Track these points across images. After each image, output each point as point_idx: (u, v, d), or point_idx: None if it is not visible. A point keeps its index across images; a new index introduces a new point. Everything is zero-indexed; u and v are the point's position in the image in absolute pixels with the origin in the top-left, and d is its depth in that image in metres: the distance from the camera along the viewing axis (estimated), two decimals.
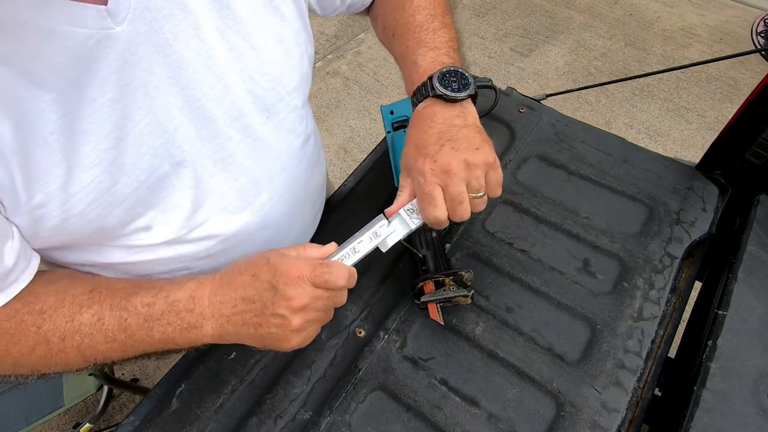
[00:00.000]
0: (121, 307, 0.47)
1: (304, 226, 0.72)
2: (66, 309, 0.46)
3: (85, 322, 0.46)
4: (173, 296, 0.47)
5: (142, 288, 0.48)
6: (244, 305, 0.46)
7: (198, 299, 0.47)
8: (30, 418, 1.13)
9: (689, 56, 2.53)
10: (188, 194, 0.52)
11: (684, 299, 0.72)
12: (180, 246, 0.55)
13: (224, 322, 0.47)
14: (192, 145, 0.50)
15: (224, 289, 0.47)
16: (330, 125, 2.25)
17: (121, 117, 0.44)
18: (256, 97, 0.54)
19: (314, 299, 0.46)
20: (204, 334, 0.47)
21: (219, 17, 0.48)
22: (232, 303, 0.46)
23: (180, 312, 0.47)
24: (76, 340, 0.46)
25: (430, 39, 0.62)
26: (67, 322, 0.46)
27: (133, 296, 0.47)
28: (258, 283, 0.46)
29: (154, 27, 0.43)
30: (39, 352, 0.46)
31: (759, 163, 0.77)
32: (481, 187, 0.52)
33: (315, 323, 0.48)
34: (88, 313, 0.46)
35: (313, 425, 0.60)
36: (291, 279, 0.45)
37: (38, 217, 0.43)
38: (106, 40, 0.40)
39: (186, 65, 0.47)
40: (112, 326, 0.46)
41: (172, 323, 0.47)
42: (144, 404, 0.62)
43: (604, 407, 0.60)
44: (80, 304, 0.47)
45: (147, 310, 0.47)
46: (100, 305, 0.47)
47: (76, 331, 0.46)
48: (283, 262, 0.46)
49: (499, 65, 2.53)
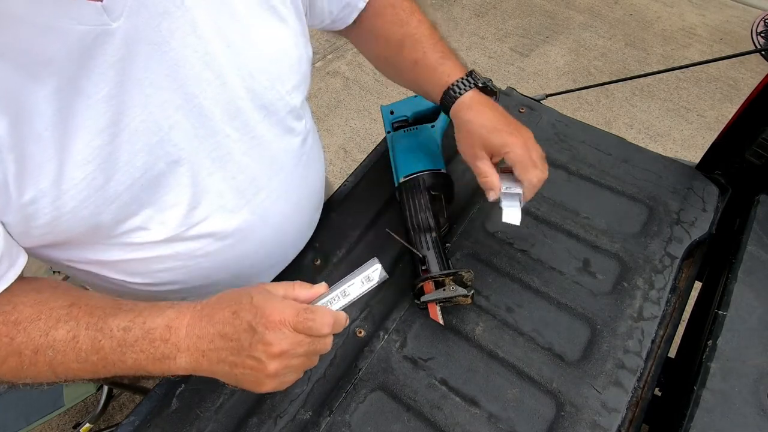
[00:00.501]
0: (97, 327, 0.45)
1: (303, 225, 0.72)
2: (42, 323, 0.45)
3: (60, 338, 0.44)
4: (150, 323, 0.45)
5: (121, 310, 0.46)
6: (221, 342, 0.44)
7: (174, 329, 0.45)
8: (30, 418, 1.13)
9: (689, 56, 2.53)
10: (185, 192, 0.52)
11: (684, 299, 0.72)
12: (177, 244, 0.55)
13: (199, 356, 0.45)
14: (189, 142, 0.50)
15: (203, 322, 0.45)
16: (330, 125, 2.25)
17: (116, 113, 0.44)
18: (254, 94, 0.54)
19: (294, 345, 0.44)
20: (177, 366, 0.45)
21: (217, 15, 0.48)
22: (209, 338, 0.44)
23: (155, 341, 0.45)
24: (48, 356, 0.44)
25: (441, 47, 0.69)
26: (41, 335, 0.44)
27: (110, 317, 0.45)
28: (238, 322, 0.44)
29: (151, 24, 0.43)
30: (10, 363, 0.45)
31: (759, 163, 0.77)
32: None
33: (293, 370, 0.46)
34: (63, 329, 0.45)
35: (313, 425, 0.60)
36: (272, 323, 0.43)
37: (29, 214, 0.43)
38: (102, 36, 0.40)
39: (183, 62, 0.47)
40: (85, 346, 0.45)
41: (145, 351, 0.45)
42: (144, 404, 0.62)
43: (604, 407, 0.60)
44: (57, 318, 0.45)
45: (122, 335, 0.45)
46: (76, 322, 0.45)
47: (49, 347, 0.44)
48: (267, 303, 0.44)
49: (499, 65, 2.53)
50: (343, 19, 0.69)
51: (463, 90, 0.64)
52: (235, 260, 0.62)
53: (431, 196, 0.72)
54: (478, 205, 0.80)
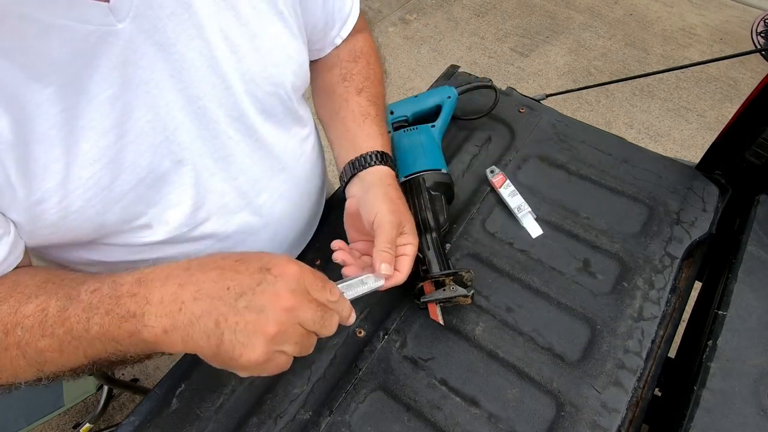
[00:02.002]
0: (68, 296, 0.39)
1: (304, 226, 0.72)
2: (13, 300, 0.40)
3: (29, 313, 0.39)
4: (120, 279, 0.39)
5: (95, 277, 0.41)
6: (213, 287, 0.37)
7: (146, 282, 0.38)
8: (30, 418, 1.13)
9: (689, 56, 2.53)
10: (188, 193, 0.53)
11: (684, 299, 0.72)
12: (180, 245, 0.55)
13: (175, 310, 0.36)
14: (192, 143, 0.50)
15: (191, 271, 0.38)
16: None
17: (121, 114, 0.44)
18: (257, 99, 0.54)
19: (305, 305, 0.38)
20: (145, 325, 0.36)
21: (224, 18, 0.48)
22: (197, 286, 0.37)
23: (121, 297, 0.37)
24: (17, 336, 0.39)
25: (382, 116, 0.69)
26: (10, 314, 0.39)
27: (83, 285, 0.40)
28: (243, 267, 0.38)
29: (157, 25, 0.43)
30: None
31: (759, 163, 0.77)
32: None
33: (290, 342, 0.39)
34: (33, 303, 0.39)
35: (313, 425, 0.60)
36: (287, 272, 0.38)
37: (37, 214, 0.43)
38: (107, 37, 0.40)
39: (188, 64, 0.47)
40: (52, 319, 0.38)
41: (111, 312, 0.37)
42: (144, 404, 0.62)
43: (604, 407, 0.60)
44: (29, 294, 0.40)
45: (89, 298, 0.38)
46: (48, 296, 0.40)
47: (17, 324, 0.39)
48: (282, 258, 0.39)
49: (499, 65, 2.53)
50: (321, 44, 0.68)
51: (383, 162, 0.63)
52: None
53: (431, 196, 0.72)
54: (478, 205, 0.80)
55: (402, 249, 0.57)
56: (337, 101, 0.68)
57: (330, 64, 0.70)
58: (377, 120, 0.67)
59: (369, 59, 0.71)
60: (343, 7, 0.66)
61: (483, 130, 0.90)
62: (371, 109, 0.67)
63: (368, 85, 0.69)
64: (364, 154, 0.63)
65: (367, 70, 0.70)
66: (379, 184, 0.61)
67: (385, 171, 0.63)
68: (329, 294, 0.40)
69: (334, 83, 0.69)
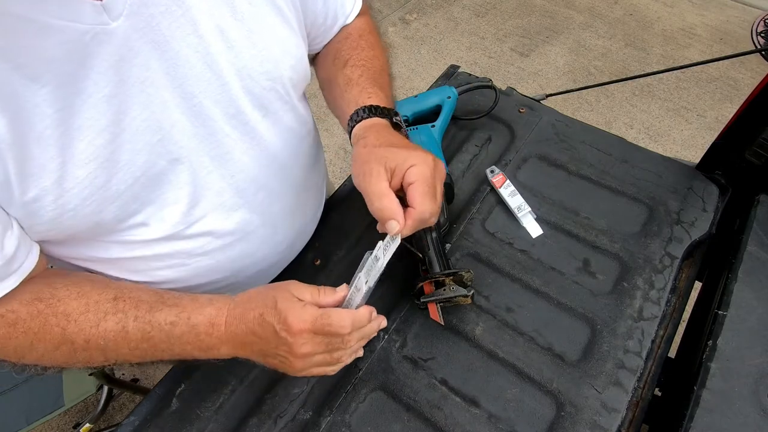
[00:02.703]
0: (145, 320, 0.49)
1: (303, 224, 0.72)
2: (91, 315, 0.48)
3: (110, 329, 0.48)
4: (194, 320, 0.49)
5: (165, 304, 0.50)
6: (253, 338, 0.49)
7: (216, 326, 0.49)
8: (30, 418, 1.13)
9: (689, 56, 2.53)
10: (185, 191, 0.52)
11: (684, 299, 0.72)
12: (177, 242, 0.55)
13: (238, 347, 0.50)
14: (189, 141, 0.50)
15: (237, 321, 0.49)
16: (330, 125, 2.25)
17: (117, 113, 0.44)
18: (254, 95, 0.54)
19: (314, 347, 0.48)
20: (221, 353, 0.51)
21: (219, 14, 0.48)
22: (243, 334, 0.49)
23: (200, 335, 0.49)
24: (100, 344, 0.48)
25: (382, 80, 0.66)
26: (92, 327, 0.47)
27: (156, 312, 0.49)
28: (265, 325, 0.48)
29: (151, 23, 0.43)
30: (63, 350, 0.48)
31: (759, 163, 0.77)
32: None
33: (318, 364, 0.51)
34: (112, 320, 0.48)
35: (313, 425, 0.60)
36: (292, 331, 0.46)
37: (33, 212, 0.43)
38: (102, 36, 0.40)
39: (183, 62, 0.47)
40: (135, 337, 0.48)
41: (192, 343, 0.50)
42: (144, 404, 0.62)
43: (604, 407, 0.60)
44: (105, 311, 0.48)
45: (169, 329, 0.49)
46: (124, 314, 0.48)
47: (100, 337, 0.48)
48: (289, 311, 0.47)
49: (499, 65, 2.53)
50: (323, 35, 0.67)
51: (375, 114, 0.58)
52: (234, 259, 0.62)
53: None
54: (478, 205, 0.80)
55: (406, 179, 0.51)
56: (331, 85, 0.66)
57: (326, 52, 0.70)
58: (359, 80, 0.63)
59: (361, 32, 0.69)
60: (345, 4, 0.66)
61: (483, 130, 0.90)
62: (354, 73, 0.63)
63: (354, 54, 0.66)
64: (348, 123, 0.59)
65: (356, 42, 0.68)
66: (355, 146, 0.56)
67: (361, 126, 0.58)
68: (340, 329, 0.47)
69: (328, 68, 0.68)
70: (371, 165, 0.51)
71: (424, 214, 0.50)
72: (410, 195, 0.50)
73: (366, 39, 0.69)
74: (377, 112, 0.59)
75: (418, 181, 0.50)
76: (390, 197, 0.50)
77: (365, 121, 0.58)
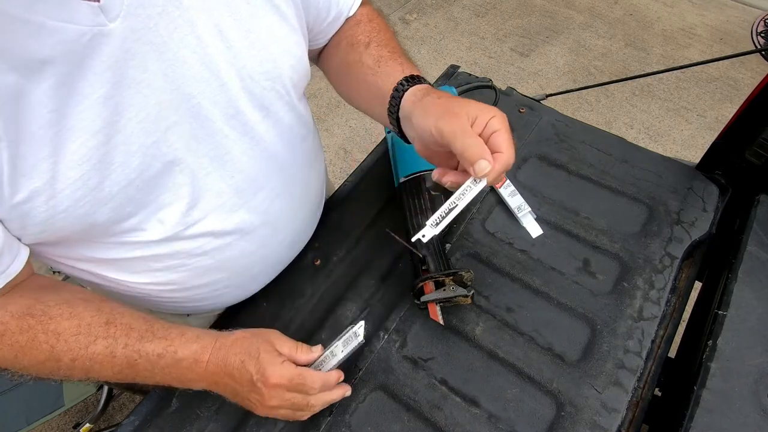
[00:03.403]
0: (134, 349, 0.52)
1: (303, 225, 0.72)
2: (82, 337, 0.50)
3: (98, 352, 0.50)
4: (180, 354, 0.53)
5: (155, 335, 0.53)
6: (229, 380, 0.54)
7: (198, 363, 0.54)
8: (30, 418, 1.13)
9: (689, 56, 2.53)
10: (183, 192, 0.52)
11: (684, 299, 0.72)
12: (176, 243, 0.55)
13: (212, 384, 0.56)
14: (186, 143, 0.50)
15: (218, 363, 0.54)
16: (330, 125, 2.25)
17: (112, 114, 0.44)
18: (253, 95, 0.54)
19: (283, 402, 0.54)
20: (196, 386, 0.56)
21: (217, 14, 0.48)
22: (221, 375, 0.54)
23: (182, 369, 0.54)
24: (86, 365, 0.51)
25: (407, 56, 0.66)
26: (81, 348, 0.50)
27: (146, 342, 0.53)
28: (244, 372, 0.53)
29: (149, 24, 0.43)
30: (48, 366, 0.50)
31: (759, 163, 0.77)
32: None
33: (283, 416, 0.57)
34: (101, 344, 0.51)
35: (313, 425, 0.60)
36: (269, 384, 0.53)
37: (24, 213, 0.43)
38: (99, 37, 0.40)
39: (181, 62, 0.46)
40: (121, 362, 0.52)
41: (173, 374, 0.54)
42: (144, 404, 0.62)
43: (604, 407, 0.60)
44: (96, 335, 0.51)
45: (156, 359, 0.53)
46: (114, 340, 0.51)
47: (88, 358, 0.50)
48: (269, 366, 0.53)
49: (499, 65, 2.53)
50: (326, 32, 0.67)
51: (427, 83, 0.59)
52: (234, 259, 0.62)
53: (431, 196, 0.72)
54: (478, 205, 0.80)
55: (489, 128, 0.50)
56: (353, 69, 0.66)
57: (336, 42, 0.69)
58: (393, 56, 0.63)
59: (370, 17, 0.69)
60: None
61: None
62: (383, 52, 0.64)
63: (374, 35, 0.66)
64: (392, 94, 0.59)
65: (370, 26, 0.68)
66: (414, 107, 0.56)
67: (415, 90, 0.58)
68: (310, 390, 0.55)
69: (344, 56, 0.67)
70: (456, 110, 0.51)
71: (510, 160, 0.50)
72: (496, 142, 0.50)
73: (377, 22, 0.69)
74: (427, 82, 0.60)
75: (503, 129, 0.50)
76: (478, 138, 0.49)
77: (421, 85, 0.58)
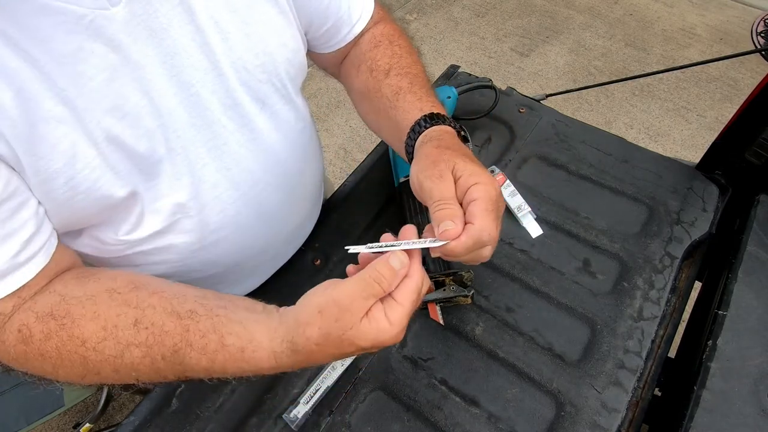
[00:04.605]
0: (175, 361, 0.44)
1: (300, 220, 0.72)
2: (111, 343, 0.43)
3: (137, 362, 0.44)
4: (230, 371, 0.45)
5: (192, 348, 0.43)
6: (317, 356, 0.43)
7: (262, 371, 0.44)
8: (30, 418, 1.12)
9: (689, 56, 2.53)
10: (181, 182, 0.52)
11: (684, 299, 0.72)
12: (173, 236, 0.55)
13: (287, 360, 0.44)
14: (185, 132, 0.50)
15: (295, 362, 0.43)
16: (330, 125, 2.25)
17: (117, 97, 0.44)
18: (249, 88, 0.54)
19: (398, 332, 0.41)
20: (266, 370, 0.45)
21: (213, 4, 0.48)
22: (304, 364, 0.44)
23: (241, 368, 0.45)
24: (132, 375, 0.45)
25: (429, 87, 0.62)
26: (116, 358, 0.43)
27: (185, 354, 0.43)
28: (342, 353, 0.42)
29: (149, 10, 0.44)
30: (90, 379, 0.45)
31: (759, 163, 0.77)
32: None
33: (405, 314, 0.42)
34: (137, 353, 0.43)
35: (313, 425, 0.60)
36: (379, 344, 0.41)
37: (45, 192, 0.43)
38: (100, 20, 0.41)
39: (180, 50, 0.47)
40: (166, 371, 0.45)
41: (230, 372, 0.45)
42: (144, 404, 0.62)
43: (604, 407, 0.60)
44: (126, 341, 0.43)
45: (204, 371, 0.45)
46: (149, 348, 0.43)
47: (131, 368, 0.44)
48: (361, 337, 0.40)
49: (499, 65, 2.53)
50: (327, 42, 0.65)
51: (443, 122, 0.55)
52: (230, 253, 0.62)
53: None
54: None
55: (468, 195, 0.44)
56: (373, 97, 0.63)
57: (357, 63, 0.66)
58: (412, 89, 0.60)
59: (391, 38, 0.66)
60: (351, 10, 0.64)
61: (483, 130, 0.90)
62: (403, 83, 0.60)
63: (395, 62, 0.63)
64: (408, 134, 0.55)
65: (391, 49, 0.65)
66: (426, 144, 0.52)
67: (434, 130, 0.54)
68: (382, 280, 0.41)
69: (364, 81, 0.65)
70: (441, 166, 0.47)
71: (483, 233, 0.42)
72: (471, 211, 0.44)
73: (399, 45, 0.66)
74: (445, 121, 0.55)
75: (481, 199, 0.44)
76: (455, 201, 0.45)
77: (436, 127, 0.54)
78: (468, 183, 0.45)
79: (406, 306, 0.41)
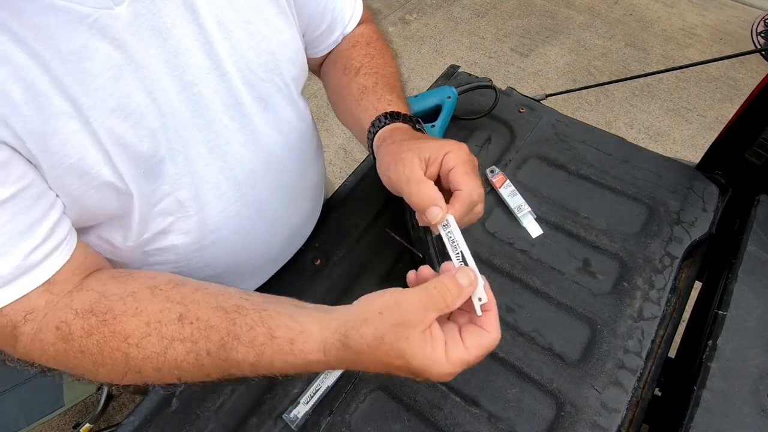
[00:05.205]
0: (221, 357, 0.42)
1: (301, 220, 0.72)
2: (154, 339, 0.42)
3: (181, 359, 0.43)
4: (277, 368, 0.43)
5: (240, 342, 0.42)
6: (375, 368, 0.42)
7: (312, 369, 0.44)
8: (30, 418, 1.12)
9: (689, 56, 2.53)
10: (182, 182, 0.52)
11: (684, 299, 0.72)
12: (173, 236, 0.55)
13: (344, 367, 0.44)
14: (187, 131, 0.50)
15: (346, 363, 0.42)
16: (330, 125, 2.25)
17: (122, 96, 0.44)
18: (252, 87, 0.54)
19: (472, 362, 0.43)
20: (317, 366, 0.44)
21: (216, 3, 0.48)
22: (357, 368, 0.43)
23: (288, 368, 0.44)
24: (174, 374, 0.43)
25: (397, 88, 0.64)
26: (159, 355, 0.42)
27: (232, 349, 0.42)
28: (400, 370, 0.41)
29: (153, 10, 0.44)
30: (130, 378, 0.44)
31: (759, 163, 0.77)
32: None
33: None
34: (180, 349, 0.42)
35: (313, 425, 0.60)
36: (445, 375, 0.42)
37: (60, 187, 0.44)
38: (105, 19, 0.41)
39: (183, 49, 0.47)
40: (211, 369, 0.43)
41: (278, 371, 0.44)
42: (144, 404, 0.62)
43: (604, 407, 0.60)
44: (171, 337, 0.42)
45: (250, 368, 0.43)
46: (194, 344, 0.42)
47: (174, 366, 0.43)
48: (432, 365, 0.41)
49: (499, 65, 2.53)
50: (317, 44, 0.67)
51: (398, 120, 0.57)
52: (230, 253, 0.62)
53: None
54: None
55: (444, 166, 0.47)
56: (343, 94, 0.65)
57: (334, 60, 0.69)
58: (375, 88, 0.62)
59: (369, 39, 0.68)
60: (344, 11, 0.66)
61: (483, 130, 0.90)
62: (368, 81, 0.62)
63: (366, 62, 0.65)
64: (367, 135, 0.58)
65: (366, 50, 0.67)
66: (377, 152, 0.55)
67: (386, 129, 0.57)
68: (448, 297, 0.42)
69: (338, 78, 0.67)
70: (403, 155, 0.49)
71: (472, 195, 0.47)
72: (453, 179, 0.47)
73: (375, 46, 0.68)
74: (399, 118, 0.58)
75: (459, 164, 0.47)
76: (428, 183, 0.47)
77: (387, 127, 0.57)
78: (439, 156, 0.48)
79: (471, 354, 0.42)
